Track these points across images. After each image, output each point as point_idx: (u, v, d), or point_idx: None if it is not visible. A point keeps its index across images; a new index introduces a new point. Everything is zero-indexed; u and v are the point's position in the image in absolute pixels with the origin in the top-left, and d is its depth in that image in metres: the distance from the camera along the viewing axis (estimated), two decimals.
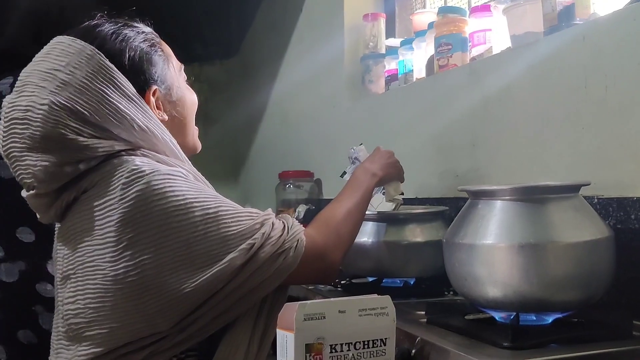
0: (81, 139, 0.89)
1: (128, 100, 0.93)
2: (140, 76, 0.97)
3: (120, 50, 0.95)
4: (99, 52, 0.92)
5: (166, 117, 1.01)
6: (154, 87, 0.99)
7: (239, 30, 3.27)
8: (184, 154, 1.00)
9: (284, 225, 0.94)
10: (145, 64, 0.98)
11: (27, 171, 0.89)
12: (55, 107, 0.88)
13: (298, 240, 0.93)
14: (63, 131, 0.88)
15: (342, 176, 1.38)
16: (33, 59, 0.96)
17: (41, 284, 1.29)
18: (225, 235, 0.88)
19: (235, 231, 0.88)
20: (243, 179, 3.31)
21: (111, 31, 0.97)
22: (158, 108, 1.00)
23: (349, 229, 1.06)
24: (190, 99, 1.08)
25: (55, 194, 0.93)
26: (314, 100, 2.44)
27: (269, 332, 0.95)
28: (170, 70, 1.03)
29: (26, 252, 1.28)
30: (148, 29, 1.05)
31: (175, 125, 1.02)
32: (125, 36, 0.98)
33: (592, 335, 0.93)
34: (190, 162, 1.01)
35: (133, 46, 0.98)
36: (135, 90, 0.95)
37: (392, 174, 1.25)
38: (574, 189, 0.99)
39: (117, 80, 0.92)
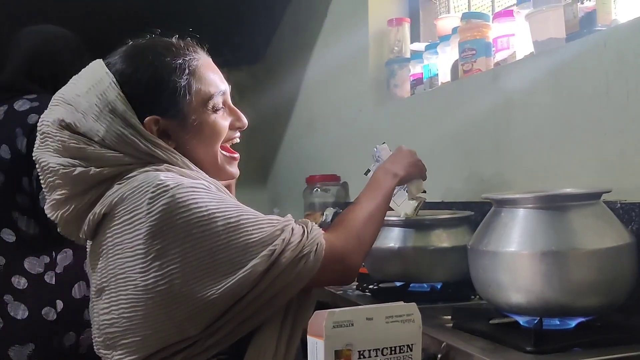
0: (98, 151, 0.97)
1: (133, 129, 0.98)
2: (143, 104, 0.99)
3: (129, 76, 0.99)
4: (114, 84, 0.98)
5: (174, 145, 1.01)
6: (155, 117, 1.00)
7: (265, 35, 3.32)
8: (202, 172, 1.01)
9: (304, 230, 0.97)
10: (152, 92, 1.00)
11: (51, 172, 0.97)
12: (71, 129, 0.97)
13: (318, 244, 0.96)
14: (80, 146, 0.97)
15: (366, 174, 1.40)
16: (72, 78, 1.04)
17: (16, 277, 1.49)
18: (247, 243, 0.91)
19: (256, 238, 0.92)
20: (271, 184, 3.36)
21: (134, 55, 1.01)
22: (166, 136, 1.01)
23: (369, 230, 1.08)
24: (212, 126, 1.05)
25: (85, 208, 0.98)
26: (340, 104, 2.47)
27: (295, 334, 0.99)
28: (185, 100, 1.02)
29: (7, 249, 1.50)
30: (191, 56, 1.05)
31: (193, 152, 1.03)
32: (144, 62, 1.01)
33: (615, 339, 0.95)
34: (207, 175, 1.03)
35: (147, 73, 1.01)
36: (136, 120, 0.98)
37: (414, 173, 1.26)
38: (596, 196, 1.01)
39: (127, 115, 0.98)
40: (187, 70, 1.03)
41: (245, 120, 1.12)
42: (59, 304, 1.50)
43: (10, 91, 1.58)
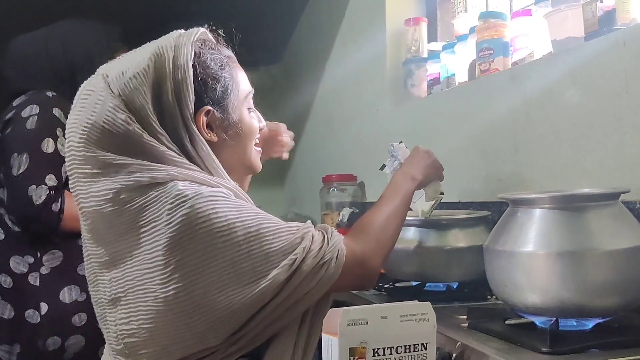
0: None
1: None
2: (199, 94, 1.00)
3: (184, 65, 0.98)
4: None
5: (215, 139, 1.03)
6: (208, 108, 1.01)
7: (283, 36, 3.33)
8: (225, 173, 1.02)
9: (324, 237, 0.97)
10: (206, 84, 1.01)
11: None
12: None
13: (339, 251, 0.96)
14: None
15: (381, 169, 1.40)
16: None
17: (2, 275, 1.51)
18: (268, 252, 0.91)
19: (277, 247, 0.92)
20: (288, 183, 3.37)
21: (186, 45, 1.00)
22: (209, 128, 1.02)
23: (388, 234, 1.08)
24: (249, 125, 1.08)
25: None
26: (357, 104, 2.48)
27: (312, 339, 0.99)
28: (232, 95, 1.05)
29: None
30: (227, 53, 1.08)
31: (228, 148, 1.05)
32: (197, 53, 1.01)
33: (633, 341, 0.94)
34: (229, 178, 1.03)
35: (201, 64, 1.01)
36: (183, 112, 0.98)
37: (432, 175, 1.26)
38: (614, 196, 1.00)
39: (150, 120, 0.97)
40: (229, 66, 1.06)
41: (264, 123, 1.15)
42: (44, 307, 1.48)
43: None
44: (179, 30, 1.03)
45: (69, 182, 1.00)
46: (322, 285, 0.95)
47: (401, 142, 1.38)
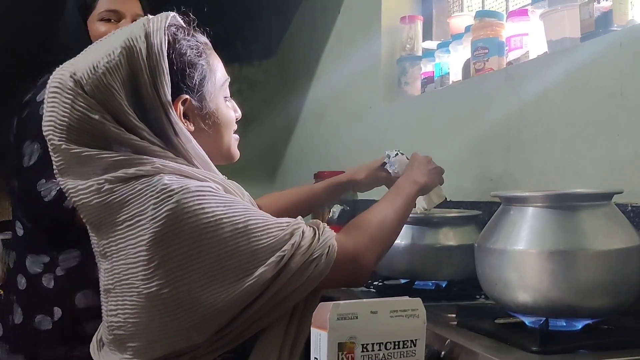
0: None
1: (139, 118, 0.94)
2: (175, 83, 0.97)
3: (158, 55, 0.95)
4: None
5: (192, 128, 1.00)
6: (185, 97, 0.99)
7: (278, 30, 3.32)
8: (211, 163, 1.01)
9: (315, 233, 0.95)
10: (183, 72, 0.98)
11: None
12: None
13: (329, 247, 0.94)
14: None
15: (383, 166, 1.36)
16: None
17: (19, 275, 1.38)
18: (256, 249, 0.89)
19: (265, 244, 0.90)
20: (279, 179, 3.35)
21: (157, 32, 0.96)
22: (185, 118, 1.00)
23: (385, 233, 1.05)
24: (226, 114, 1.06)
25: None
26: (351, 101, 2.47)
27: (300, 339, 0.97)
28: (209, 83, 1.02)
29: (17, 244, 1.43)
30: (203, 39, 1.05)
31: (205, 137, 1.02)
32: (172, 40, 0.98)
33: (622, 342, 0.93)
34: (217, 171, 1.02)
35: (177, 52, 0.98)
36: (161, 99, 0.95)
37: (434, 179, 1.25)
38: (606, 197, 1.00)
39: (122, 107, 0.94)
40: (206, 53, 1.03)
41: (240, 112, 1.11)
42: (57, 312, 1.35)
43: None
44: (146, 17, 0.99)
45: (59, 179, 0.97)
46: (311, 282, 0.93)
47: (397, 153, 1.35)
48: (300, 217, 0.97)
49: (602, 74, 1.25)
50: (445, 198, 1.32)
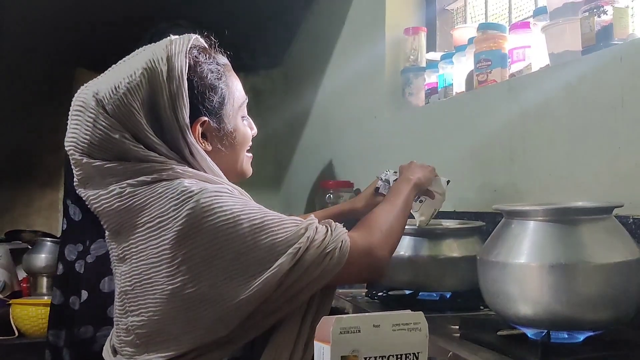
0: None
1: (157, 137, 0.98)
2: (195, 105, 1.00)
3: (179, 78, 0.97)
4: (132, 100, 0.96)
5: (209, 148, 1.03)
6: (204, 119, 1.02)
7: (283, 41, 3.34)
8: (225, 178, 1.03)
9: (328, 229, 0.98)
10: (203, 95, 1.01)
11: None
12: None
13: (342, 241, 0.97)
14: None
15: (376, 191, 1.40)
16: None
17: (59, 263, 1.60)
18: (274, 243, 0.93)
19: (282, 238, 0.94)
20: (285, 188, 3.37)
21: (179, 54, 0.99)
22: (204, 138, 1.03)
23: (392, 227, 1.09)
24: (243, 134, 1.09)
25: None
26: (355, 111, 2.48)
27: (313, 339, 0.99)
28: (228, 105, 1.05)
29: (62, 236, 1.62)
30: (223, 61, 1.07)
31: (221, 157, 1.05)
32: (193, 63, 1.01)
33: (623, 354, 0.94)
34: (231, 183, 1.04)
35: (197, 75, 1.01)
36: (175, 123, 0.98)
37: (426, 174, 1.30)
38: (607, 210, 1.01)
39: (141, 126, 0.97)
40: (225, 76, 1.06)
41: (256, 129, 1.15)
42: (84, 294, 1.50)
43: None
44: (169, 38, 1.02)
45: (80, 190, 1.00)
46: (325, 275, 0.96)
47: (386, 173, 1.39)
48: (312, 215, 1.02)
49: (603, 87, 1.26)
50: (448, 181, 1.35)
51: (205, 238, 0.91)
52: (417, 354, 0.81)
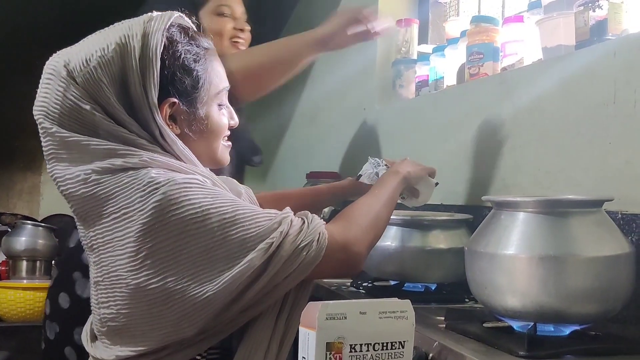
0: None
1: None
2: (165, 85, 0.97)
3: (151, 57, 0.95)
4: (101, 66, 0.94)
5: (178, 132, 1.00)
6: (173, 100, 0.98)
7: (274, 30, 3.31)
8: (198, 163, 1.01)
9: (304, 222, 0.95)
10: (174, 76, 0.98)
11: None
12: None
13: (320, 234, 0.94)
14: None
15: (357, 179, 1.38)
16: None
17: (83, 254, 1.46)
18: (245, 238, 0.90)
19: (253, 233, 0.90)
20: (271, 178, 3.35)
21: (156, 33, 0.96)
22: (173, 120, 0.99)
23: (372, 222, 1.05)
24: (217, 122, 1.05)
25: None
26: (345, 103, 2.47)
27: (289, 334, 0.97)
28: (202, 90, 1.01)
29: None
30: (206, 44, 1.04)
31: (191, 141, 1.01)
32: (169, 42, 0.98)
33: (609, 348, 0.94)
34: (205, 169, 1.02)
35: (172, 55, 0.98)
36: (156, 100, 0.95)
37: (416, 170, 1.26)
38: (597, 204, 1.00)
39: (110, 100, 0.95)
40: (205, 59, 1.03)
41: (237, 119, 1.11)
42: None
43: None
44: (150, 14, 0.99)
45: (47, 165, 0.97)
46: (304, 269, 0.93)
47: (386, 165, 1.34)
48: (288, 207, 0.97)
49: (596, 82, 1.26)
50: (437, 183, 1.33)
51: (172, 232, 0.88)
52: (403, 342, 0.80)
